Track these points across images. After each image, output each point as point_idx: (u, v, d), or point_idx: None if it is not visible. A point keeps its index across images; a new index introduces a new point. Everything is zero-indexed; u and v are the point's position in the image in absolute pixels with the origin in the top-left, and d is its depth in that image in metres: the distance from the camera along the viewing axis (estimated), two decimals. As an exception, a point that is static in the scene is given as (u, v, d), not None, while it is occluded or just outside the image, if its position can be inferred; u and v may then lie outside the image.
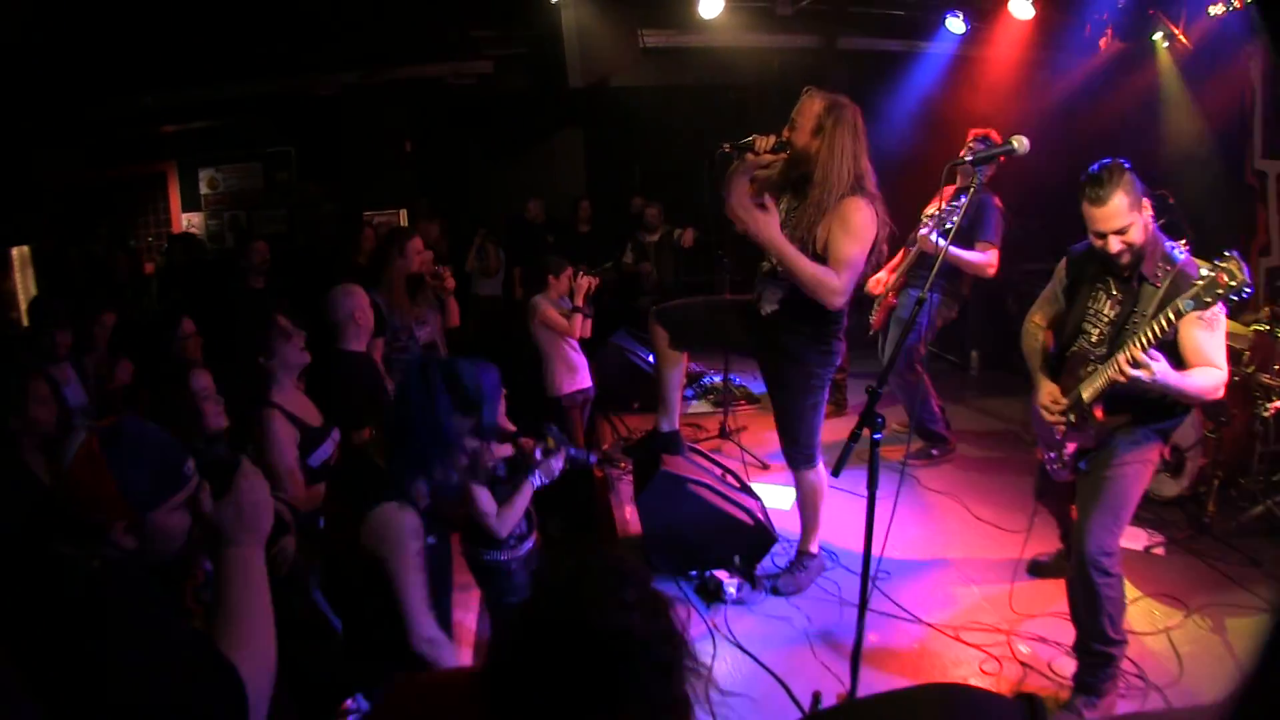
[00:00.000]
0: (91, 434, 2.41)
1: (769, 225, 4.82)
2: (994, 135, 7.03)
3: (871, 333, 7.80)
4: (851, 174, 4.98)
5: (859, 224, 4.90)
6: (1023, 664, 4.78)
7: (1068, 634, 4.79)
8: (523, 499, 4.51)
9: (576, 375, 7.63)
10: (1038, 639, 4.99)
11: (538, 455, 4.48)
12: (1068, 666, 4.62)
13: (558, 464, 4.57)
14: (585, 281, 7.37)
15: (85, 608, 2.25)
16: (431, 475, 3.66)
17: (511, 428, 4.46)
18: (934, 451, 7.62)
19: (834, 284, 4.84)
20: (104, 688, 2.16)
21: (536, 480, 4.50)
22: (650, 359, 8.45)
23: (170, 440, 2.56)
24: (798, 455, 5.47)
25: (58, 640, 2.19)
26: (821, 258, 4.97)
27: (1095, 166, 4.23)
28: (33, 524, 2.45)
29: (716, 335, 6.05)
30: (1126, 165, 4.23)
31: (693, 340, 5.92)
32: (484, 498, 4.33)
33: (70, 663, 2.17)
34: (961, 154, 6.55)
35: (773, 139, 5.02)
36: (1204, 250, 6.42)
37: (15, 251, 11.40)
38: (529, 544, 4.96)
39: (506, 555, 4.85)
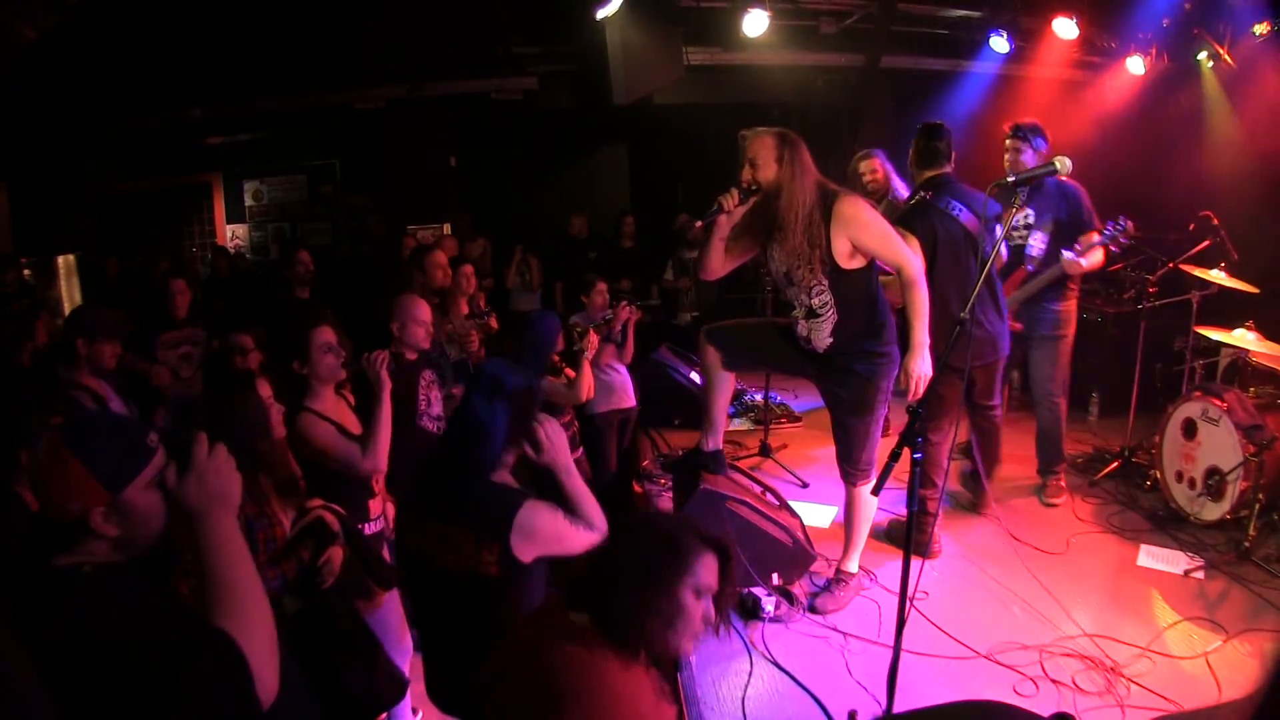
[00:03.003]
0: (50, 432, 2.48)
1: (921, 357, 5.11)
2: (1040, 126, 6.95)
3: None
4: (817, 187, 5.07)
5: (869, 215, 5.06)
6: (1055, 682, 4.75)
7: (1106, 656, 4.80)
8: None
9: (612, 395, 7.60)
10: (1077, 657, 4.95)
11: None
12: (1105, 694, 4.61)
13: None
14: (626, 312, 7.36)
15: (81, 614, 2.32)
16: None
17: None
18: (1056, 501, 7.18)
19: (915, 275, 5.06)
20: (108, 688, 2.23)
21: None
22: (692, 375, 8.47)
23: (125, 419, 2.60)
24: (855, 472, 5.49)
25: (59, 650, 2.25)
26: (844, 270, 5.10)
27: None
28: (29, 544, 2.49)
29: (770, 359, 6.06)
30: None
31: (745, 362, 5.93)
32: None
33: (74, 670, 2.24)
34: (1005, 156, 6.85)
35: (735, 193, 5.12)
36: (1245, 272, 6.40)
37: (61, 260, 11.52)
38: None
39: None
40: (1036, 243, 6.85)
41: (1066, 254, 6.55)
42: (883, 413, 5.44)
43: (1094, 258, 6.69)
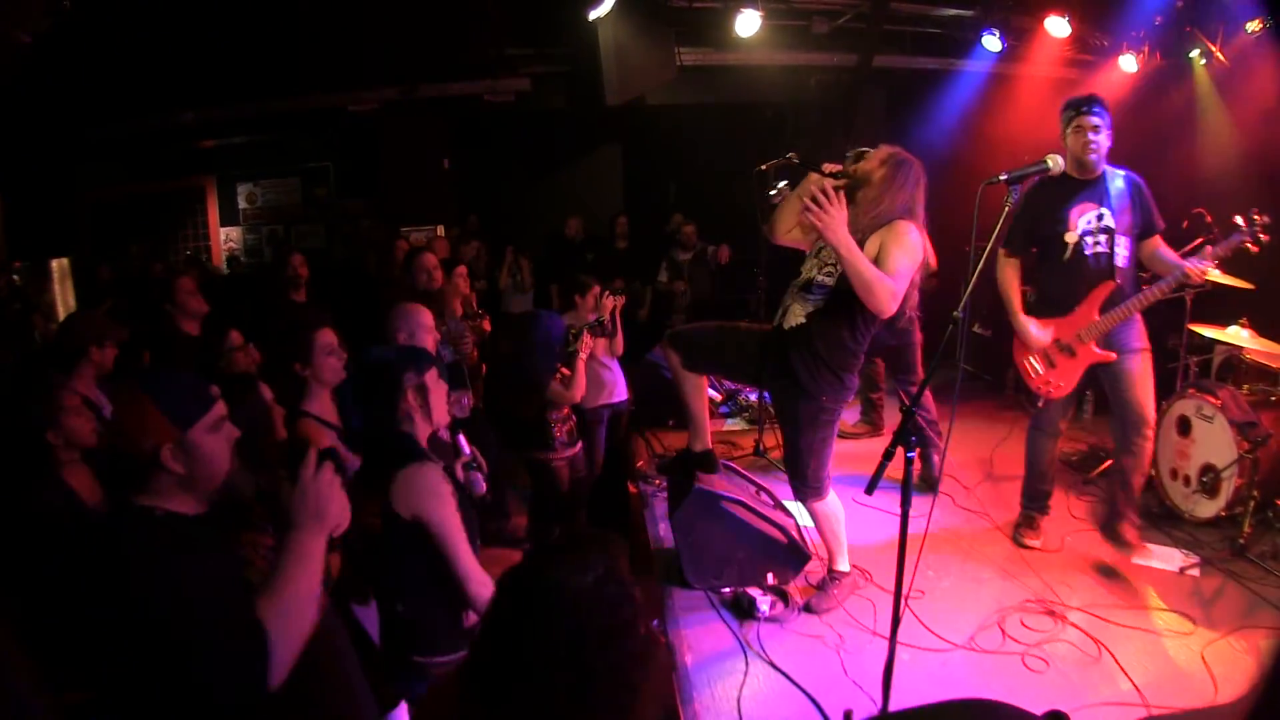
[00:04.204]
0: (129, 380, 2.86)
1: (841, 221, 4.68)
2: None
3: (1042, 404, 6.41)
4: (904, 204, 5.04)
5: (912, 242, 4.93)
6: (1050, 676, 4.76)
7: (1105, 646, 4.81)
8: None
9: (603, 390, 7.69)
10: (1073, 650, 4.99)
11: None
12: (1099, 691, 4.62)
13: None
14: (609, 302, 7.43)
15: (146, 548, 2.61)
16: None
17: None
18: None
19: (892, 287, 4.76)
20: (142, 620, 2.49)
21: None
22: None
23: (190, 373, 2.98)
24: (805, 490, 5.43)
25: (114, 582, 2.53)
26: None
27: None
28: (115, 479, 2.87)
29: (725, 365, 6.03)
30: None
31: (704, 366, 5.86)
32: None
33: (122, 602, 2.50)
34: (1076, 137, 5.83)
35: (839, 167, 5.13)
36: (1239, 269, 6.41)
37: (55, 264, 11.50)
38: (575, 449, 7.10)
39: (554, 455, 6.92)
40: (1123, 250, 5.93)
41: (1190, 260, 5.75)
42: (830, 434, 5.35)
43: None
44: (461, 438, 4.44)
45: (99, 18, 8.45)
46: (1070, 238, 5.92)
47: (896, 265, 4.84)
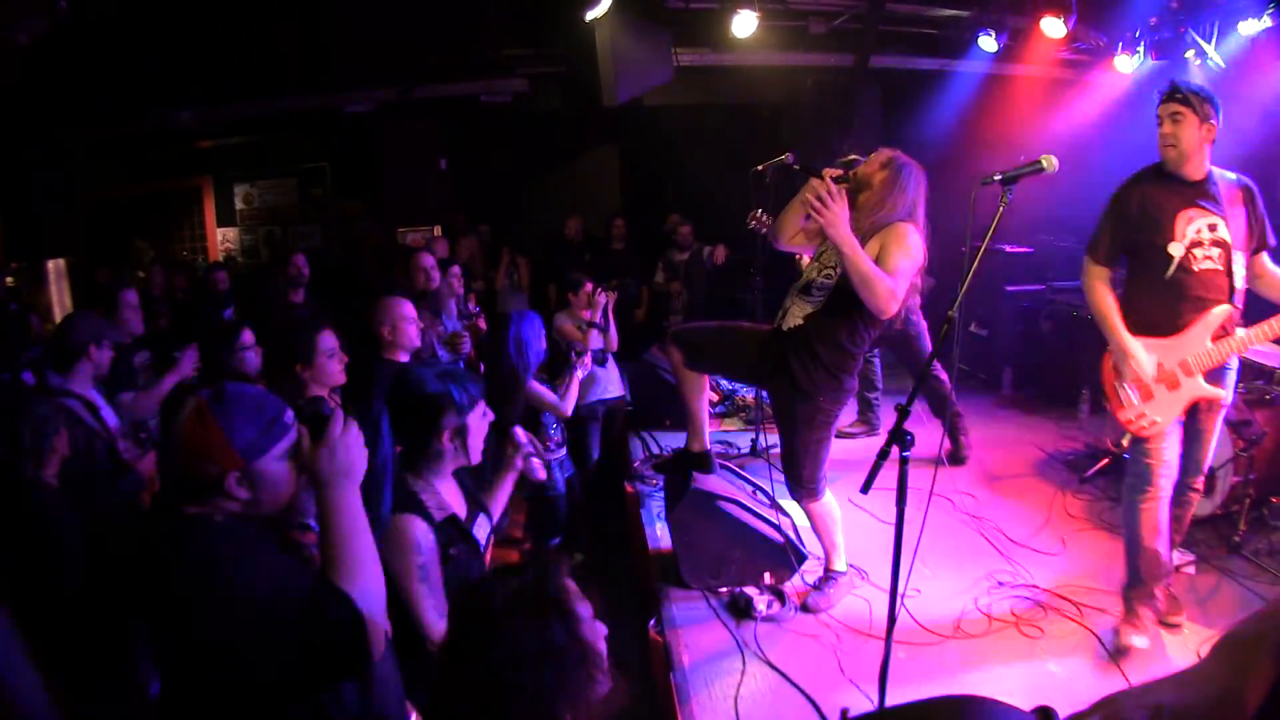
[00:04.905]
0: (198, 397, 2.65)
1: (844, 218, 4.75)
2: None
3: (1127, 442, 5.40)
4: (906, 207, 5.08)
5: (913, 244, 4.97)
6: (1048, 670, 4.78)
7: (1104, 643, 4.83)
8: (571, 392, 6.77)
9: (595, 386, 7.82)
10: (1071, 646, 5.01)
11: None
12: (1096, 685, 4.63)
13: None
14: (601, 298, 7.49)
15: (211, 556, 2.53)
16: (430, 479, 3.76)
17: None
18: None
19: (891, 286, 4.77)
20: (234, 628, 2.44)
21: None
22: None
23: (268, 394, 2.81)
24: (801, 491, 5.43)
25: (189, 589, 2.48)
26: None
27: None
28: (164, 490, 2.68)
29: (726, 363, 6.03)
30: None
31: (705, 364, 5.86)
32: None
33: (201, 609, 2.45)
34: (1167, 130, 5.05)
35: (840, 172, 5.10)
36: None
37: (51, 264, 11.48)
38: (562, 452, 7.18)
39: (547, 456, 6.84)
40: (1241, 269, 4.97)
41: None
42: (827, 436, 5.36)
43: None
44: (517, 429, 4.41)
45: (96, 18, 8.46)
46: (1175, 249, 4.89)
47: (897, 265, 4.87)
